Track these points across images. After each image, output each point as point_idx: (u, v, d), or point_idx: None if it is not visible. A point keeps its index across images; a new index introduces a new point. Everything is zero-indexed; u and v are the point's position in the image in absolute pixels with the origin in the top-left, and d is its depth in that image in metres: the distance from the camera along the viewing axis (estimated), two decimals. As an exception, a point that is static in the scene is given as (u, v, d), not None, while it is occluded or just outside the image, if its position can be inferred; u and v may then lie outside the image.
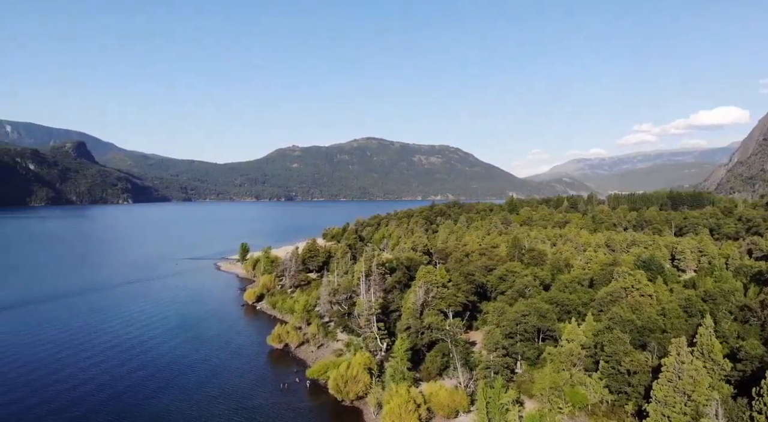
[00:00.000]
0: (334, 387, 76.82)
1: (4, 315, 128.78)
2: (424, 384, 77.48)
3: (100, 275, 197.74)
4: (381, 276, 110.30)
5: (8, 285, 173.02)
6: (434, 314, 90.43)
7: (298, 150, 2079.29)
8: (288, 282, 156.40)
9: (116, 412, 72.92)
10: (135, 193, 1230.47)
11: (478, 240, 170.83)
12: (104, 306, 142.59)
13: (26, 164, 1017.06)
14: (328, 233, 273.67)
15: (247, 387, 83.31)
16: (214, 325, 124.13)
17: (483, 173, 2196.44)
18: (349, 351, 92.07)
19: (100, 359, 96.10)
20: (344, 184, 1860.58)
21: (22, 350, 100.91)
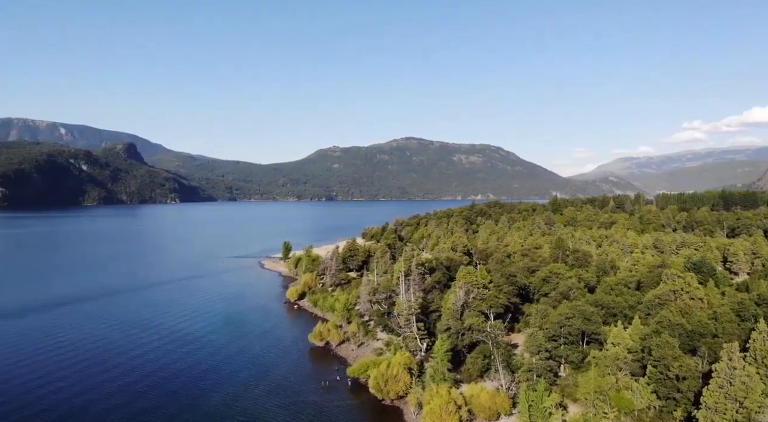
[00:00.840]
0: (375, 386, 77.32)
1: (63, 311, 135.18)
2: (464, 385, 77.03)
3: (152, 272, 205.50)
4: (420, 276, 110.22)
5: (66, 282, 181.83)
6: (475, 315, 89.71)
7: (339, 150, 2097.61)
8: (329, 280, 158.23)
9: (165, 404, 75.61)
10: (182, 193, 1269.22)
11: (520, 241, 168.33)
12: (156, 302, 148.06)
13: (79, 165, 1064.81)
14: (367, 233, 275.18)
15: (290, 383, 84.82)
16: (259, 322, 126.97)
17: (525, 172, 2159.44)
18: (389, 350, 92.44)
19: (152, 355, 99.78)
20: (383, 183, 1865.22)
21: (80, 345, 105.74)
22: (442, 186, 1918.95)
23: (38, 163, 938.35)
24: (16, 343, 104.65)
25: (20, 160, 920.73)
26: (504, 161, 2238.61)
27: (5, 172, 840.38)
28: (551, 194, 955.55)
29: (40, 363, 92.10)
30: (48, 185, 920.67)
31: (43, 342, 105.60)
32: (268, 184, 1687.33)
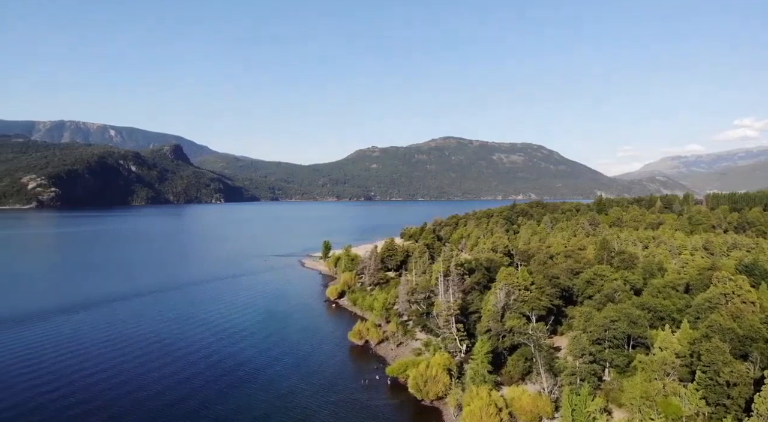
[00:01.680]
0: (414, 386, 77.37)
1: (114, 307, 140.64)
2: (505, 387, 76.17)
3: (198, 270, 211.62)
4: (460, 277, 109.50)
5: (115, 280, 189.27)
6: (516, 317, 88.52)
7: (377, 151, 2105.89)
8: (367, 279, 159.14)
9: (208, 399, 77.80)
10: (227, 193, 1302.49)
11: (563, 242, 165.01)
12: (202, 299, 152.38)
13: (128, 166, 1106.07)
14: (405, 232, 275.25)
15: (330, 381, 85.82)
16: (299, 319, 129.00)
17: (568, 171, 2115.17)
18: (428, 350, 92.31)
19: (199, 351, 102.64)
20: (422, 183, 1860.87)
21: (130, 341, 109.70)
22: (482, 185, 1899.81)
23: (89, 164, 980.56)
24: (72, 337, 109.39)
25: (72, 161, 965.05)
26: (546, 160, 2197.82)
27: (58, 173, 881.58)
28: (596, 194, 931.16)
29: (94, 359, 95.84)
30: (99, 185, 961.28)
31: (95, 337, 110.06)
32: (308, 185, 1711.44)
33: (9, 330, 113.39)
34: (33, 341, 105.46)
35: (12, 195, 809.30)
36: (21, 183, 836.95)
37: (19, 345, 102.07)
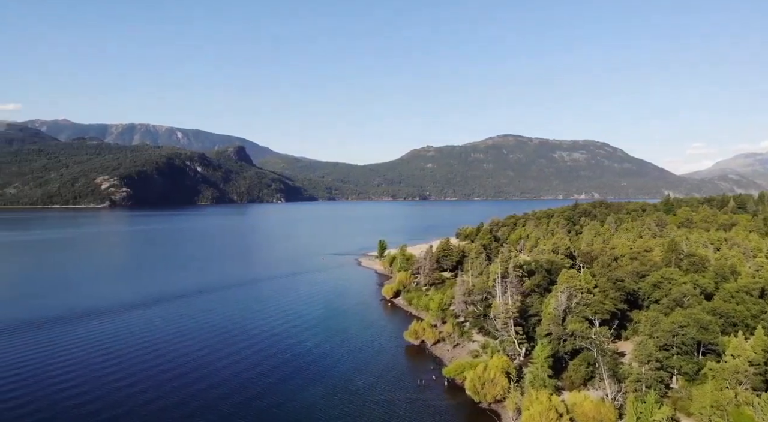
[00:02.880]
0: (471, 388, 76.75)
1: (183, 302, 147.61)
2: (566, 393, 74.23)
3: (259, 268, 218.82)
4: (518, 279, 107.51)
5: (185, 276, 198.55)
6: (578, 321, 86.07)
7: (432, 150, 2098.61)
8: (423, 279, 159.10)
9: (269, 392, 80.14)
10: (287, 193, 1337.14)
11: (628, 244, 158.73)
12: (263, 296, 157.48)
13: (195, 167, 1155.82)
14: (461, 232, 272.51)
15: (386, 380, 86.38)
16: (356, 318, 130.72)
17: (634, 170, 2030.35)
18: (486, 353, 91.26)
19: (258, 346, 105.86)
20: (478, 183, 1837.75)
21: (195, 336, 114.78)
22: (542, 185, 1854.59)
23: (158, 165, 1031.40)
24: (146, 332, 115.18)
25: (143, 162, 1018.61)
26: (610, 158, 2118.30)
27: (129, 174, 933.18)
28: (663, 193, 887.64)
29: (166, 353, 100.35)
30: (167, 186, 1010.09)
31: (167, 332, 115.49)
32: (364, 184, 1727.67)
33: (89, 323, 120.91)
34: (110, 335, 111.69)
35: (87, 195, 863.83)
36: (95, 183, 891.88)
37: (98, 339, 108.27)
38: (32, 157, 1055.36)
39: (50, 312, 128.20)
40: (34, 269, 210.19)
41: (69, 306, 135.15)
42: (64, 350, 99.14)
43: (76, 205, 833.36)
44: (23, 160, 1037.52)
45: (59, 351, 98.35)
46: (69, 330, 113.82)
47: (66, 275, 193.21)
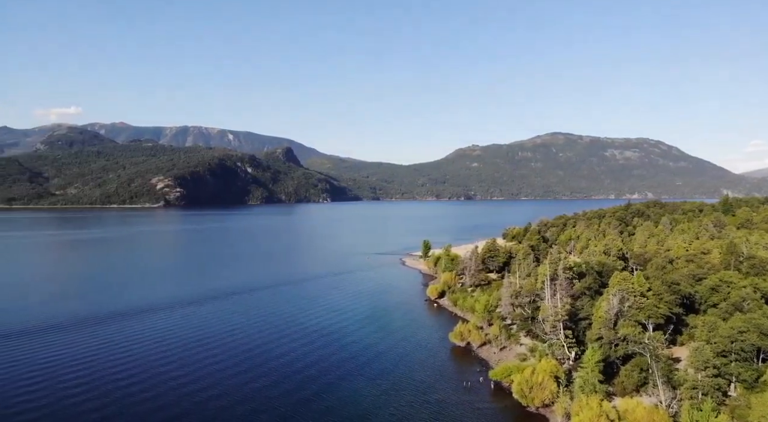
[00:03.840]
0: (519, 391, 75.37)
1: (233, 299, 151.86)
2: (617, 399, 71.77)
3: (304, 266, 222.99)
4: (568, 281, 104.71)
5: (236, 273, 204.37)
6: (631, 325, 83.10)
7: (478, 149, 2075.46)
8: (468, 280, 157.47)
9: (312, 391, 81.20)
10: (332, 193, 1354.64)
11: (684, 245, 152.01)
12: (310, 294, 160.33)
13: (245, 168, 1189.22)
14: (508, 233, 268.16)
15: (431, 380, 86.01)
16: (400, 317, 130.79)
17: (690, 168, 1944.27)
18: (534, 356, 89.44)
19: (304, 345, 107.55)
20: (525, 182, 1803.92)
21: (248, 330, 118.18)
22: (592, 184, 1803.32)
23: (210, 166, 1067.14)
24: (199, 328, 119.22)
25: (195, 163, 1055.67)
26: (665, 156, 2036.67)
27: (183, 174, 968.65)
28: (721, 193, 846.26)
29: (218, 349, 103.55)
30: (219, 186, 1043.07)
31: (219, 328, 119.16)
32: (408, 184, 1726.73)
33: (146, 320, 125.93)
34: (167, 331, 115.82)
35: (143, 194, 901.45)
36: (150, 184, 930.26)
37: (156, 335, 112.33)
38: (92, 159, 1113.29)
39: (110, 309, 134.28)
40: (94, 266, 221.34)
41: (127, 303, 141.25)
42: (124, 346, 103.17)
43: (133, 204, 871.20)
44: (83, 161, 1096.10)
45: (120, 347, 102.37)
46: (128, 326, 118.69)
47: (124, 272, 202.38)
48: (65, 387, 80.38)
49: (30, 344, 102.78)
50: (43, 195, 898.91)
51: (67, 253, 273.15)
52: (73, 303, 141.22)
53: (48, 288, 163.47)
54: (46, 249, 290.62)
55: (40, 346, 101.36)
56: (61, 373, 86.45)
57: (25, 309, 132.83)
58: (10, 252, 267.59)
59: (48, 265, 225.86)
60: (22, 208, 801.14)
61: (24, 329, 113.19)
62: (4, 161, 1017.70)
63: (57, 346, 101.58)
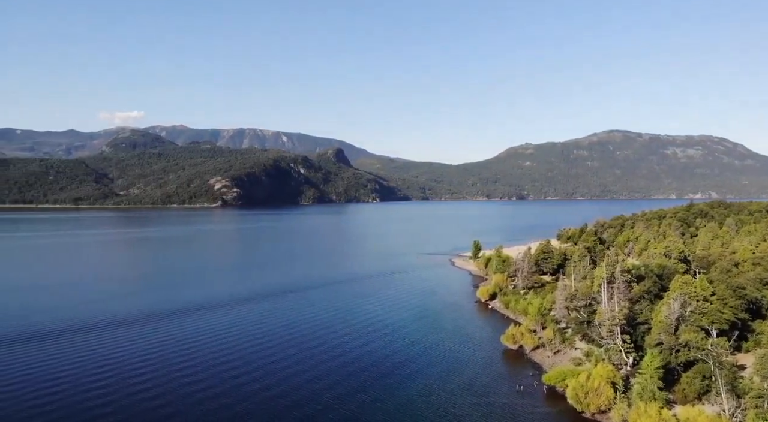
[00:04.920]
0: (573, 396, 74.10)
1: (288, 297, 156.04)
2: (678, 406, 69.38)
3: (356, 265, 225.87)
4: (626, 284, 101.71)
5: (286, 272, 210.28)
6: (693, 331, 79.99)
7: (531, 147, 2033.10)
8: (520, 282, 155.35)
9: (364, 390, 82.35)
10: (382, 193, 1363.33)
11: (750, 248, 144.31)
12: (359, 293, 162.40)
13: (298, 168, 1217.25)
14: (563, 234, 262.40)
15: (483, 382, 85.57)
16: (450, 319, 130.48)
17: (757, 167, 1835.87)
18: (589, 361, 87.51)
19: (356, 340, 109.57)
20: (581, 181, 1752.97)
21: (301, 327, 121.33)
22: (652, 183, 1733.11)
23: (265, 167, 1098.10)
24: (257, 325, 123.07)
25: (251, 164, 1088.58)
26: (730, 154, 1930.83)
27: (239, 175, 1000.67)
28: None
29: (275, 346, 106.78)
30: (273, 186, 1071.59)
31: (274, 324, 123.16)
32: (458, 184, 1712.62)
33: (206, 316, 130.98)
34: (226, 327, 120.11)
35: (201, 194, 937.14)
36: (209, 184, 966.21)
37: (215, 330, 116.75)
38: (153, 160, 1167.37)
39: (172, 305, 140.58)
40: (156, 264, 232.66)
41: (188, 299, 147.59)
42: (186, 341, 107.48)
43: (192, 204, 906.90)
44: (145, 162, 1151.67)
45: (182, 342, 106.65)
46: (189, 322, 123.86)
47: (184, 269, 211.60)
48: (131, 382, 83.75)
49: (98, 339, 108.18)
50: (107, 195, 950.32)
51: (131, 251, 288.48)
52: (137, 299, 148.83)
53: (114, 285, 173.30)
54: (111, 247, 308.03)
55: (107, 341, 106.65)
56: (127, 368, 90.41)
57: (94, 304, 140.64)
58: (79, 250, 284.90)
59: (114, 262, 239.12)
60: (88, 207, 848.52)
61: (93, 324, 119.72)
62: (71, 163, 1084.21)
63: (122, 341, 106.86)
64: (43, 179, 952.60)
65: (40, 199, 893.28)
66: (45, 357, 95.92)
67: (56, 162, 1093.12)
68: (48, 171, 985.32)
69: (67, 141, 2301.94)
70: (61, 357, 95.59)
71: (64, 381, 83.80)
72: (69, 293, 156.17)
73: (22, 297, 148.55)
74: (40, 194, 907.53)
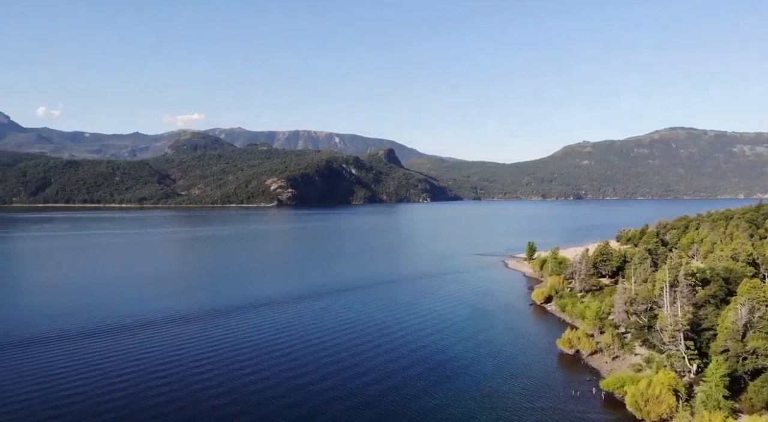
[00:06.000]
0: (633, 404, 72.09)
1: (339, 297, 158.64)
2: (744, 416, 66.31)
3: (407, 265, 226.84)
4: (690, 288, 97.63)
5: (340, 271, 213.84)
6: (762, 337, 75.98)
7: (589, 146, 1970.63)
8: (577, 285, 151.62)
9: (417, 392, 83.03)
10: (432, 193, 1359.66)
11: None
12: (411, 292, 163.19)
13: (350, 169, 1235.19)
14: (622, 235, 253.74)
15: (537, 386, 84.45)
16: (503, 321, 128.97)
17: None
18: (650, 367, 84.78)
19: (408, 342, 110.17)
20: (642, 180, 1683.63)
21: (354, 327, 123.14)
22: (718, 182, 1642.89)
23: (319, 168, 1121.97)
24: (312, 321, 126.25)
25: (305, 165, 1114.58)
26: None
27: (294, 176, 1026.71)
28: None
29: (329, 342, 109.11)
30: (326, 186, 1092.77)
31: (328, 322, 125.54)
32: (511, 183, 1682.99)
33: (264, 313, 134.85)
34: (283, 324, 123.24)
35: (258, 195, 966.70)
36: (265, 184, 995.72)
37: (273, 328, 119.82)
38: (213, 162, 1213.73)
39: (231, 302, 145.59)
40: (216, 261, 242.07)
41: (246, 296, 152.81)
42: (247, 337, 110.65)
43: (249, 204, 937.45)
44: (206, 164, 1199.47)
45: (243, 339, 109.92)
46: (249, 318, 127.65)
47: (242, 267, 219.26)
48: (195, 379, 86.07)
49: (162, 334, 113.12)
50: (170, 195, 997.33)
51: (193, 249, 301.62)
52: (199, 295, 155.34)
53: (177, 281, 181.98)
54: (174, 245, 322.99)
55: (171, 336, 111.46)
56: (191, 364, 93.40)
57: (158, 300, 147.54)
58: (144, 247, 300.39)
59: (176, 260, 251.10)
60: (151, 207, 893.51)
61: (157, 319, 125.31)
62: (136, 164, 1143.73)
63: (185, 336, 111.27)
64: (110, 180, 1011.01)
65: (108, 199, 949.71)
66: (116, 351, 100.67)
67: (122, 163, 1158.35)
68: (114, 172, 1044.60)
69: (132, 143, 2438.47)
70: (130, 352, 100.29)
71: (132, 375, 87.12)
72: (134, 289, 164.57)
73: (91, 293, 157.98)
74: (107, 194, 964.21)
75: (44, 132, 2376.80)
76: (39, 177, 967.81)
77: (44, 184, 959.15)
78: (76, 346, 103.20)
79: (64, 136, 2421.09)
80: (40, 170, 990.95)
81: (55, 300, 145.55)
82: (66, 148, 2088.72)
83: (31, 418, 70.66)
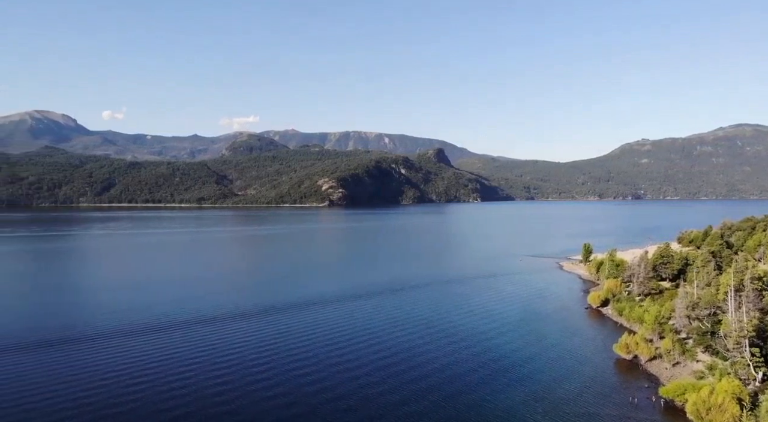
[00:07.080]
0: (694, 412, 69.87)
1: (390, 296, 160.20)
2: (819, 432, 63.17)
3: (458, 266, 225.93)
4: (756, 293, 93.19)
5: (390, 270, 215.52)
6: (838, 348, 72.04)
7: (648, 144, 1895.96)
8: (636, 288, 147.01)
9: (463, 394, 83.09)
10: (483, 193, 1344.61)
11: None
12: (462, 293, 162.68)
13: (399, 169, 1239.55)
14: (684, 237, 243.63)
15: (592, 393, 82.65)
16: (558, 324, 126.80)
17: None
18: (713, 374, 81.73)
19: (458, 341, 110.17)
20: (705, 180, 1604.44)
21: (405, 326, 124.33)
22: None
23: (368, 168, 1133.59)
24: (363, 320, 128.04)
25: (355, 165, 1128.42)
26: None
27: (345, 176, 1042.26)
28: None
29: (379, 341, 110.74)
30: (375, 186, 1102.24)
31: (379, 321, 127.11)
32: (566, 183, 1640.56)
33: (316, 312, 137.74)
34: (335, 323, 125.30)
35: (311, 195, 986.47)
36: (317, 185, 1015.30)
37: (325, 326, 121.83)
38: (267, 163, 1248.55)
39: (286, 300, 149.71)
40: (272, 259, 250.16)
41: (301, 294, 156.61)
42: (302, 335, 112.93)
43: (302, 204, 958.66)
44: (261, 165, 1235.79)
45: (298, 337, 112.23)
46: (302, 316, 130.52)
47: (297, 265, 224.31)
48: (251, 378, 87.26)
49: (221, 331, 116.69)
50: (227, 195, 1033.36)
51: (249, 247, 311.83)
52: (256, 292, 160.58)
53: (234, 279, 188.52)
54: (232, 243, 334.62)
55: (230, 333, 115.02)
56: (248, 360, 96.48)
57: (216, 296, 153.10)
58: (203, 246, 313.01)
59: (234, 257, 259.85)
60: (209, 207, 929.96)
61: (217, 316, 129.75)
62: (195, 165, 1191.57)
63: (243, 333, 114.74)
64: (170, 180, 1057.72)
65: (168, 198, 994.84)
66: (177, 346, 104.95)
67: (182, 164, 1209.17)
68: (174, 173, 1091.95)
69: (191, 145, 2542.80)
70: (190, 347, 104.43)
71: (192, 371, 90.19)
72: (193, 286, 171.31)
73: (153, 290, 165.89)
74: (168, 194, 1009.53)
75: (109, 135, 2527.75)
76: (104, 178, 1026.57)
77: (109, 184, 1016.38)
78: (139, 342, 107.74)
79: (127, 139, 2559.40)
80: (105, 171, 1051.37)
81: (121, 297, 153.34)
82: (129, 149, 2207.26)
83: (96, 413, 73.52)
